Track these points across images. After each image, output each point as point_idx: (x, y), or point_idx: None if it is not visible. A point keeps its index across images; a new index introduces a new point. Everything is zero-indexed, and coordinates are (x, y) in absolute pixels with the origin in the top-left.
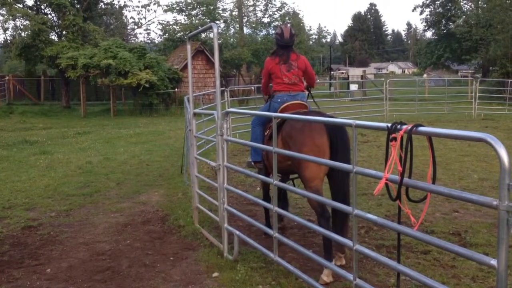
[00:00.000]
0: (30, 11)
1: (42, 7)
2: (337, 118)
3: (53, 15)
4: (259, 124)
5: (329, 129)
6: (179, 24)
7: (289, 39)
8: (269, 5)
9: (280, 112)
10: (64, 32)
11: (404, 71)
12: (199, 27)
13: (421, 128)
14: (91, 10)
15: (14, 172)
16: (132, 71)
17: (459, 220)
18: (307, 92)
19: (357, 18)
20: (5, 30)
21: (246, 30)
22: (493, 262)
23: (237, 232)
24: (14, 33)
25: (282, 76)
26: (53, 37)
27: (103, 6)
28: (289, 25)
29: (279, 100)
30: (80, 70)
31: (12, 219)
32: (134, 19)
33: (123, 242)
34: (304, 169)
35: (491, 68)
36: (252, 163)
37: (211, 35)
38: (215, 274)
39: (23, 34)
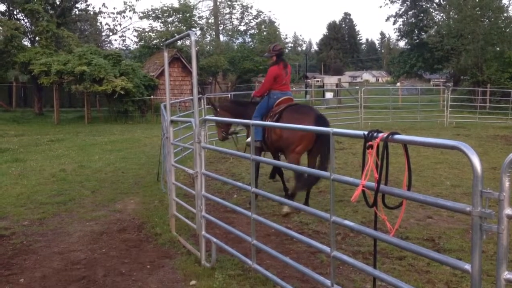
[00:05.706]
0: (2, 16)
1: (15, 12)
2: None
3: (26, 20)
4: (258, 116)
5: (316, 121)
6: (155, 31)
7: (283, 51)
8: (245, 13)
9: (277, 104)
10: (37, 38)
11: (378, 80)
12: (175, 35)
13: (397, 136)
14: (65, 16)
15: None
16: (107, 78)
17: (433, 226)
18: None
19: (332, 27)
20: None
21: (222, 38)
22: (467, 267)
23: (215, 240)
24: None
25: (283, 79)
26: (26, 43)
27: (77, 12)
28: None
29: (275, 96)
30: (53, 76)
31: None
32: (109, 25)
33: (98, 251)
34: (291, 151)
35: (462, 77)
36: (255, 142)
37: (188, 42)
38: (193, 282)
39: None
